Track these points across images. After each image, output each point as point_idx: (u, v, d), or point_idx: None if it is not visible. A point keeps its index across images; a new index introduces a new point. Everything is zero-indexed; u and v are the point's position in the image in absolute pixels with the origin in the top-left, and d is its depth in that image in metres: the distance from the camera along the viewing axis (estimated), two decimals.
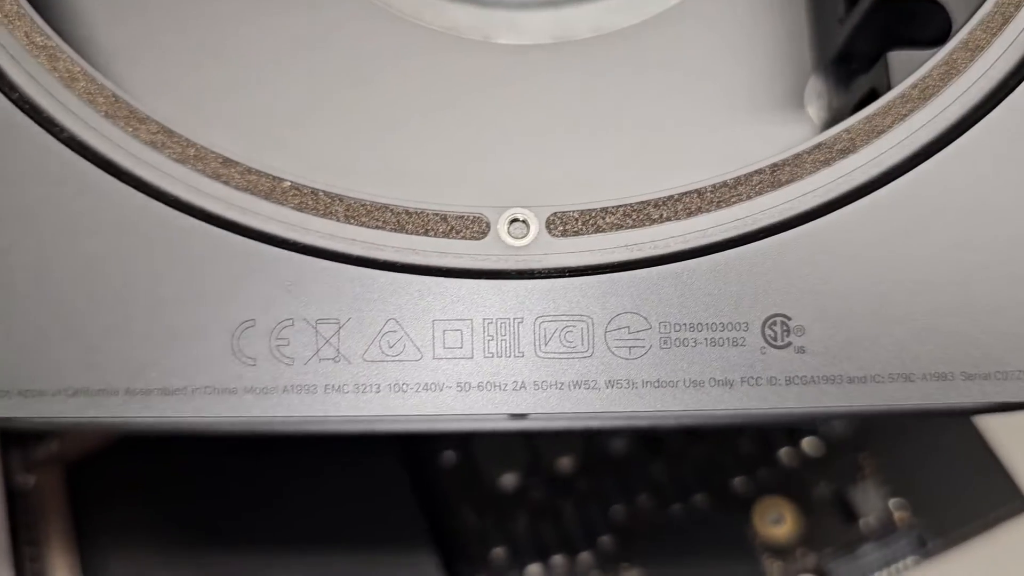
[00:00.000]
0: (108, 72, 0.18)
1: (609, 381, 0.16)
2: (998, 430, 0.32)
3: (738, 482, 0.31)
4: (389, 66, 0.21)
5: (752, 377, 0.16)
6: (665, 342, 0.17)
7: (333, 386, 0.16)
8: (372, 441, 0.30)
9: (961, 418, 0.32)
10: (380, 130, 0.21)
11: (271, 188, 0.17)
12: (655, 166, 0.21)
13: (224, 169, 0.17)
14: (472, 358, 0.17)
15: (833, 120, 0.21)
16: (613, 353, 0.17)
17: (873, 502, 0.30)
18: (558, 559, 0.30)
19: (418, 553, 0.29)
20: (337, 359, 0.17)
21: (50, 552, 0.29)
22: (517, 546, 0.30)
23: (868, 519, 0.30)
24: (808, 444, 0.32)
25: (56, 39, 0.18)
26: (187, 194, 0.17)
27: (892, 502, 0.31)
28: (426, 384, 0.16)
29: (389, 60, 0.22)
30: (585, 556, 0.30)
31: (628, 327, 0.17)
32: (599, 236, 0.17)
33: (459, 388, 0.16)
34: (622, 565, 0.30)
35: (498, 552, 0.30)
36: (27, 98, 0.18)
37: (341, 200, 0.17)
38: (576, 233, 0.17)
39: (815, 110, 0.22)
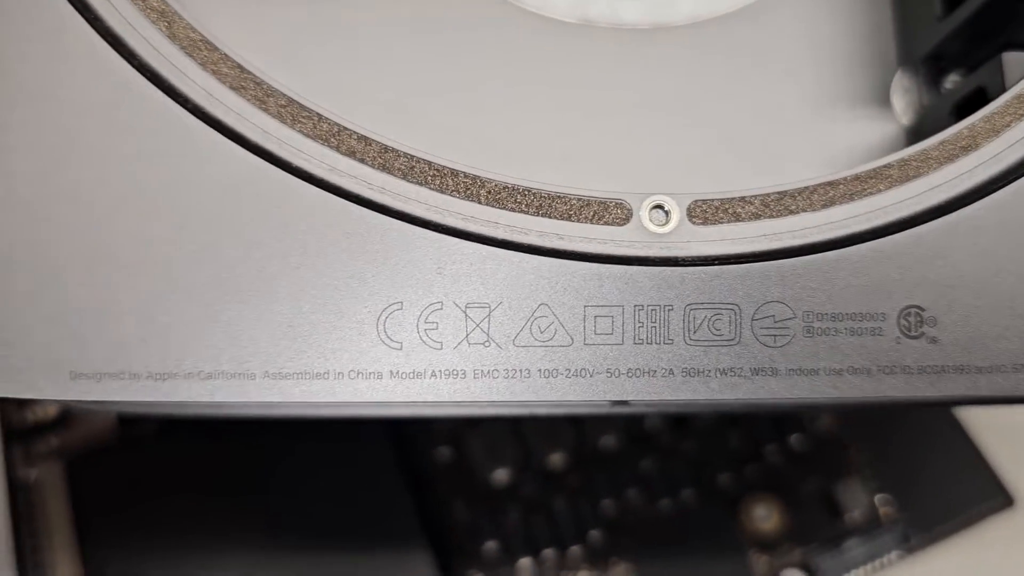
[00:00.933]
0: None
1: (754, 369, 0.17)
2: (982, 426, 0.32)
3: (726, 478, 0.31)
4: (495, 50, 0.21)
5: (887, 366, 0.17)
6: (808, 331, 0.17)
7: (483, 371, 0.16)
8: (365, 437, 0.30)
9: (947, 416, 0.33)
10: (498, 113, 0.20)
11: (409, 167, 0.17)
12: (751, 156, 0.21)
13: (360, 146, 0.17)
14: (623, 344, 0.16)
15: (922, 116, 0.22)
16: (759, 341, 0.17)
17: (858, 497, 0.31)
18: (548, 553, 0.30)
19: (411, 547, 0.29)
20: (487, 344, 0.16)
21: (51, 545, 0.29)
22: (508, 540, 0.30)
23: (853, 514, 0.31)
24: (795, 440, 0.32)
25: (172, 2, 0.17)
26: (323, 172, 0.17)
27: (877, 497, 0.31)
28: (577, 370, 0.16)
29: (498, 45, 0.21)
30: (575, 550, 0.30)
31: (774, 316, 0.17)
32: (738, 225, 0.17)
33: (608, 374, 0.16)
34: (611, 559, 0.30)
35: (490, 546, 0.30)
36: (147, 65, 0.17)
37: (483, 183, 0.17)
38: (718, 221, 0.17)
39: (901, 105, 0.22)
